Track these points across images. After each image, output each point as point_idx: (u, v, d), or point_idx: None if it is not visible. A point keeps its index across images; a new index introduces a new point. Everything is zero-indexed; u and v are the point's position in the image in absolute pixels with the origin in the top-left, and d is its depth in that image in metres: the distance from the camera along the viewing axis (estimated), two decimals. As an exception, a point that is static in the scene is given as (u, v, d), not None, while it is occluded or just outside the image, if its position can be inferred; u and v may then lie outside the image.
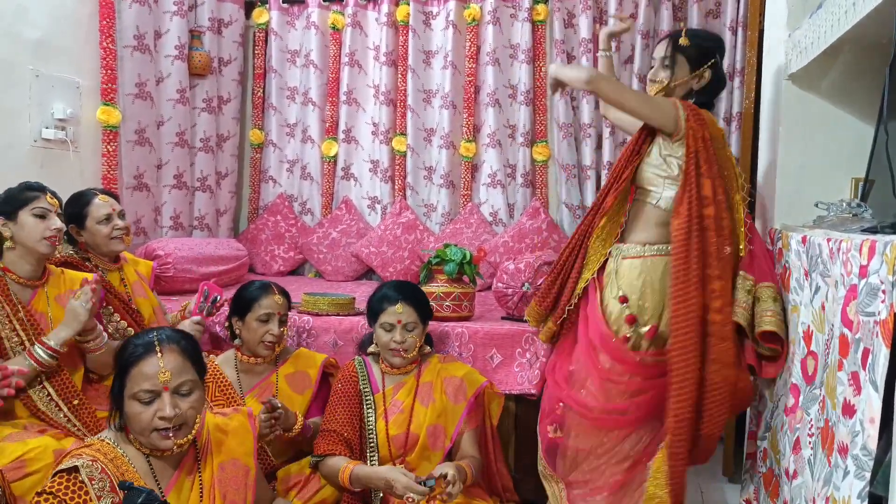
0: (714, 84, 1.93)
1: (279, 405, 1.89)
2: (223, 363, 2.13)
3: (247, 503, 1.54)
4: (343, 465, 1.86)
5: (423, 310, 2.03)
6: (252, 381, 2.11)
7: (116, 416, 1.45)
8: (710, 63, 1.89)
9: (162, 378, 1.39)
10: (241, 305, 2.09)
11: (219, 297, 2.30)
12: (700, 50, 1.90)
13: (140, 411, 1.39)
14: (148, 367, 1.40)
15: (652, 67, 1.96)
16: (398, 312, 1.97)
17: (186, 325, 2.20)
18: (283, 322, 2.10)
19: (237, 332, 2.11)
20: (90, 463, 1.34)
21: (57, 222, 1.89)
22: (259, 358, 2.10)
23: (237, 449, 1.58)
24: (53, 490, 1.31)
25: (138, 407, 1.39)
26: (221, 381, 2.07)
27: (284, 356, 2.19)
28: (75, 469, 1.33)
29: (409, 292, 2.04)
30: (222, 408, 1.99)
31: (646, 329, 1.81)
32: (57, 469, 1.34)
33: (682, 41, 1.88)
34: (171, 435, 1.40)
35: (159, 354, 1.41)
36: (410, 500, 1.69)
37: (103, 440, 1.43)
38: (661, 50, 1.93)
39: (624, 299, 1.83)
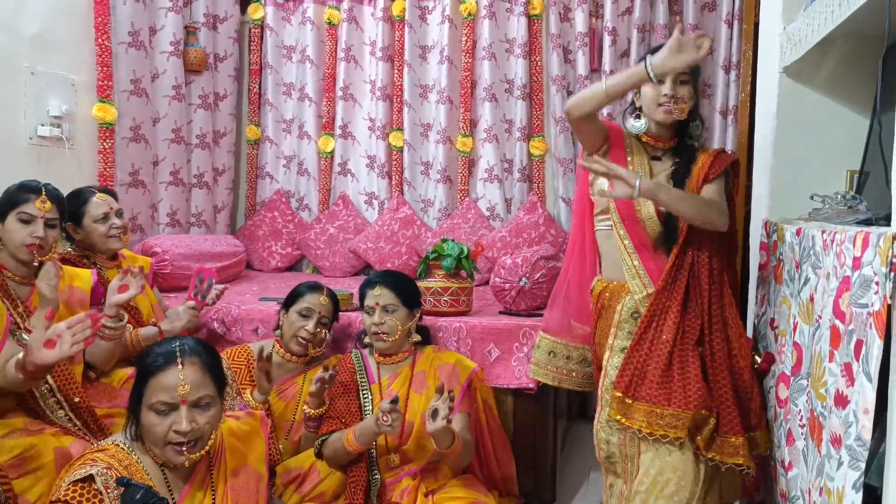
0: (697, 102, 1.83)
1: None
2: (256, 351, 2.16)
3: None
4: (345, 431, 1.91)
5: (405, 293, 2.06)
6: (280, 376, 2.13)
7: (133, 425, 1.43)
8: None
9: (181, 391, 1.37)
10: (290, 297, 2.17)
11: (213, 280, 2.31)
12: (699, 67, 1.77)
13: (156, 423, 1.37)
14: (167, 378, 1.37)
15: (661, 82, 1.69)
16: (376, 295, 2.03)
17: (180, 310, 2.19)
18: (323, 324, 2.13)
19: (280, 323, 2.17)
20: (105, 471, 1.33)
21: (40, 230, 1.83)
22: (291, 354, 2.12)
23: (250, 455, 1.56)
24: (68, 499, 1.29)
25: (154, 418, 1.37)
26: (253, 368, 2.10)
27: (318, 360, 2.22)
28: (90, 478, 1.31)
29: (389, 277, 2.11)
30: (247, 391, 2.00)
31: None
32: (72, 478, 1.32)
33: None
34: (184, 451, 1.37)
35: (180, 366, 1.39)
36: (384, 419, 1.75)
37: (118, 445, 1.41)
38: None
39: None
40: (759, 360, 1.73)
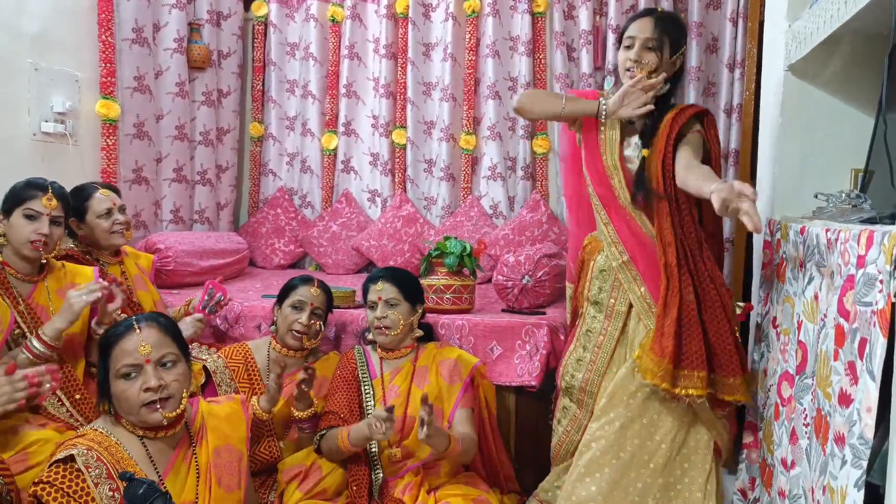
0: (681, 71, 1.89)
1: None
2: (256, 348, 2.17)
3: (241, 488, 1.56)
4: (341, 429, 1.91)
5: (407, 288, 2.07)
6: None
7: (106, 403, 1.47)
8: (683, 49, 1.84)
9: (142, 351, 1.43)
10: (282, 291, 2.16)
11: (223, 297, 2.31)
12: (681, 33, 1.83)
13: (125, 388, 1.42)
14: (128, 343, 1.44)
15: (629, 48, 1.82)
16: (378, 290, 2.05)
17: (188, 322, 2.21)
18: (317, 316, 2.13)
19: (275, 318, 2.17)
20: (85, 451, 1.36)
21: (45, 227, 1.85)
22: (288, 349, 2.12)
23: (231, 435, 1.59)
24: (51, 479, 1.32)
25: (123, 384, 1.42)
26: (251, 366, 2.11)
27: (315, 356, 2.22)
28: (71, 458, 1.35)
29: (392, 272, 2.13)
30: (247, 391, 2.02)
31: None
32: (53, 460, 1.36)
33: (666, 24, 1.80)
34: (158, 407, 1.42)
35: (138, 331, 1.45)
36: (377, 426, 1.73)
37: (96, 429, 1.45)
38: (643, 30, 1.80)
39: None
40: (740, 307, 1.88)
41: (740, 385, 1.72)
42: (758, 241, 2.18)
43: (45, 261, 1.93)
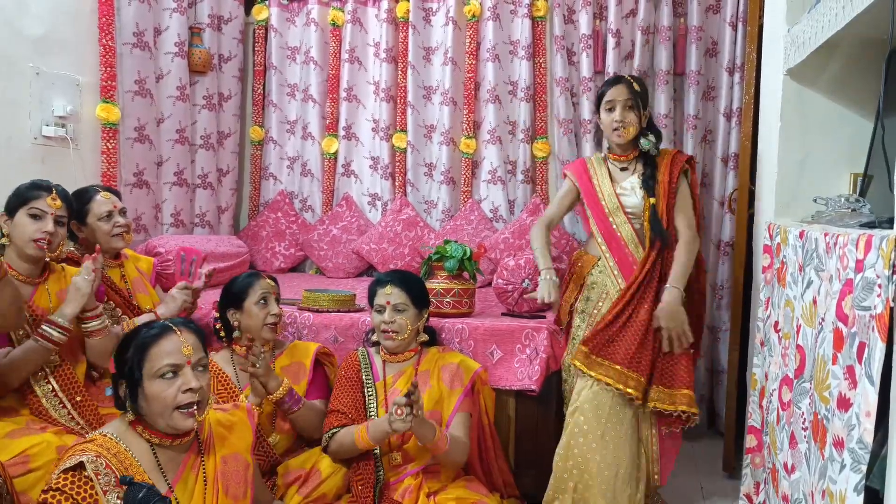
0: (651, 119, 2.22)
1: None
2: (222, 361, 2.14)
3: (247, 497, 1.56)
4: (357, 427, 1.92)
5: (415, 293, 2.08)
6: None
7: (129, 406, 1.44)
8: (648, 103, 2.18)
9: (185, 352, 1.43)
10: (236, 295, 2.12)
11: (197, 258, 2.30)
12: (645, 91, 2.18)
13: (164, 388, 1.41)
14: (169, 344, 1.43)
15: (611, 110, 2.14)
16: (387, 294, 2.04)
17: (174, 294, 2.18)
18: (278, 303, 2.16)
19: (235, 324, 2.12)
20: (95, 458, 1.35)
21: (49, 226, 1.86)
22: (260, 347, 2.11)
23: (238, 443, 1.59)
24: (60, 486, 1.31)
25: (161, 384, 1.41)
26: (222, 376, 2.08)
27: (280, 348, 2.22)
28: (81, 465, 1.34)
29: (400, 276, 2.12)
30: (224, 402, 2.01)
31: None
32: (62, 467, 1.34)
33: (636, 87, 2.13)
34: (194, 410, 1.42)
35: (178, 332, 1.45)
36: (399, 413, 1.76)
37: (105, 435, 1.44)
38: (621, 93, 2.13)
39: None
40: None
41: (632, 384, 2.00)
42: (758, 245, 2.18)
43: (46, 260, 1.93)
